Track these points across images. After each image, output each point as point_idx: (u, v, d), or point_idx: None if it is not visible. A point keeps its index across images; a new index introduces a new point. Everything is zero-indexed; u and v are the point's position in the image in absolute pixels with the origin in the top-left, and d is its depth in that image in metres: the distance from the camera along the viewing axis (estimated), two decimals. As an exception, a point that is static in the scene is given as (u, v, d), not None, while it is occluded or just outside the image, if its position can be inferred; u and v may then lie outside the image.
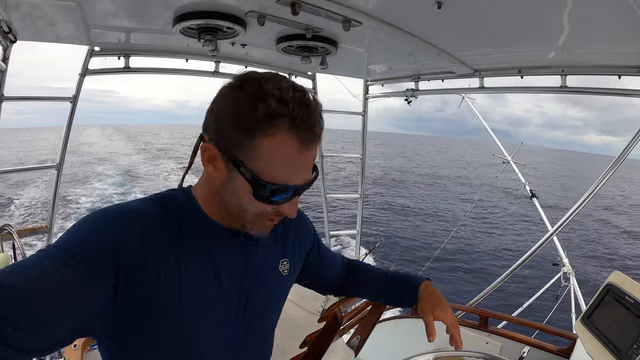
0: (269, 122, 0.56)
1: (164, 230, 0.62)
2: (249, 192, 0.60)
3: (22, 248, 2.20)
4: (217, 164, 0.62)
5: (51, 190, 2.59)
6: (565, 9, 1.36)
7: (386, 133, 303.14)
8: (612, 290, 1.47)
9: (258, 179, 0.58)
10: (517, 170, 5.90)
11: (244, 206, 0.63)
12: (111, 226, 0.58)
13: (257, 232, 0.68)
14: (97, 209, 0.63)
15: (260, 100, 0.56)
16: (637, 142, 2.15)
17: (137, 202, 0.65)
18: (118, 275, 0.55)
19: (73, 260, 0.52)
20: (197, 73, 2.63)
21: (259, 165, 0.58)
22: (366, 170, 3.64)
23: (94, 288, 0.53)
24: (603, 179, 2.33)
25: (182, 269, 0.62)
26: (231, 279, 0.70)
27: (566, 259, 4.39)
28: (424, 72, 2.78)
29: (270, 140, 0.57)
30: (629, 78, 1.94)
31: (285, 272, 0.82)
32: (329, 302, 2.48)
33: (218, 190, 0.64)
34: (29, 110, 76.40)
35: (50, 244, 0.56)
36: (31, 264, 0.51)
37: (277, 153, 0.58)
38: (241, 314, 0.72)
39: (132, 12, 1.69)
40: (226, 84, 0.61)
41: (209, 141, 0.61)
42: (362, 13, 1.52)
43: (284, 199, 0.62)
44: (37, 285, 0.49)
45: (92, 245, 0.55)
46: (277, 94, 0.56)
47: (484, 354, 1.59)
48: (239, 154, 0.58)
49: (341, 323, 0.99)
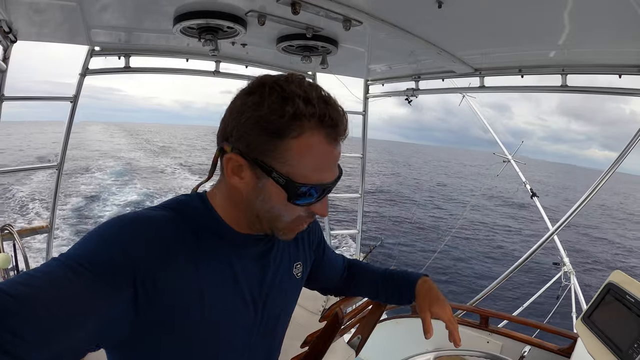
0: (298, 123, 0.55)
1: (180, 237, 0.60)
2: (284, 198, 0.59)
3: (22, 248, 2.20)
4: (244, 173, 0.60)
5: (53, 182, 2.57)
6: (565, 8, 1.35)
7: (390, 142, 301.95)
8: (612, 290, 1.47)
9: (293, 183, 0.57)
10: (517, 169, 5.90)
11: (278, 212, 0.62)
12: (126, 235, 0.56)
13: (286, 236, 0.67)
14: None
15: (286, 101, 0.55)
16: (637, 142, 2.15)
17: (152, 209, 0.63)
18: (135, 284, 0.53)
19: (85, 270, 0.50)
20: (198, 73, 2.63)
21: (291, 168, 0.57)
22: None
23: (109, 297, 0.51)
24: (603, 179, 2.32)
25: (201, 276, 0.61)
26: (249, 284, 0.69)
27: (567, 259, 4.39)
28: (424, 72, 2.78)
29: (300, 141, 0.56)
30: (629, 77, 1.94)
31: (298, 275, 0.82)
32: (330, 301, 2.48)
33: (244, 201, 0.63)
34: (32, 105, 78.49)
35: (63, 253, 0.54)
36: (41, 273, 0.49)
37: (309, 153, 0.57)
38: (258, 319, 0.72)
39: (132, 11, 1.69)
40: (242, 91, 0.60)
41: (231, 151, 0.59)
42: (363, 12, 1.52)
43: (317, 199, 0.61)
44: (44, 293, 0.46)
45: (107, 253, 0.53)
46: (303, 94, 0.56)
47: (484, 354, 1.59)
48: (268, 160, 0.57)
49: (342, 322, 0.99)
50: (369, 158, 3.65)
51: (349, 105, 3.53)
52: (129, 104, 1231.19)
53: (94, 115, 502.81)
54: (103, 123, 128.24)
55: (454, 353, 1.72)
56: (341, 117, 0.60)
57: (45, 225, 2.56)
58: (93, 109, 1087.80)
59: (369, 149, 3.69)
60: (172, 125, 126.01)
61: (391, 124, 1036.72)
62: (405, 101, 3.05)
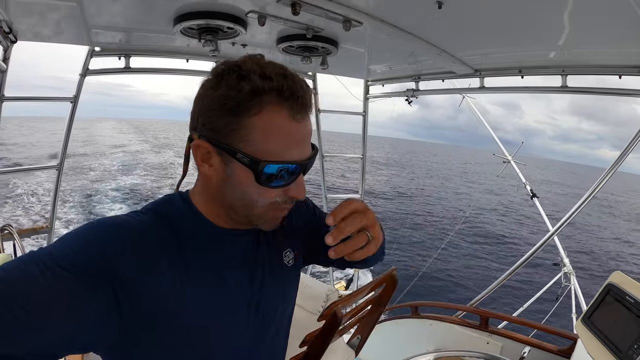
0: (257, 99, 0.54)
1: (162, 241, 0.59)
2: (252, 180, 0.57)
3: (22, 248, 2.20)
4: (212, 160, 0.59)
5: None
6: (565, 9, 1.35)
7: (399, 139, 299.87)
8: (612, 290, 1.47)
9: (257, 160, 0.55)
10: (517, 170, 5.89)
11: (250, 198, 0.60)
12: (107, 238, 0.54)
13: (267, 226, 0.65)
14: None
15: (243, 79, 0.54)
16: (638, 141, 2.15)
17: (134, 214, 0.62)
18: (114, 289, 0.52)
19: (64, 271, 0.48)
20: (198, 73, 2.63)
21: (256, 146, 0.56)
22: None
23: (86, 300, 0.50)
24: (604, 179, 2.32)
25: (185, 280, 0.59)
26: (238, 284, 0.67)
27: (567, 259, 4.38)
28: (424, 72, 2.78)
29: (261, 117, 0.55)
30: (629, 78, 1.94)
31: (290, 263, 0.79)
32: (329, 301, 2.48)
33: (217, 189, 0.62)
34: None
35: (41, 248, 0.52)
36: (16, 270, 0.47)
37: (273, 130, 0.56)
38: (252, 318, 0.70)
39: (132, 12, 1.69)
40: (204, 79, 0.59)
41: (198, 138, 0.58)
42: (363, 13, 1.52)
43: (289, 179, 0.59)
44: (15, 291, 0.45)
45: (87, 256, 0.51)
46: (259, 70, 0.55)
47: (484, 354, 1.59)
48: (233, 141, 0.56)
49: (341, 322, 0.99)
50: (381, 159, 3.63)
51: (349, 105, 3.53)
52: (138, 100, 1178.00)
53: (104, 112, 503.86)
54: (113, 119, 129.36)
55: (453, 354, 1.72)
56: (303, 89, 0.57)
57: (45, 225, 2.57)
58: (103, 106, 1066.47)
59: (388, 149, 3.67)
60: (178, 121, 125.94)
61: (399, 122, 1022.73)
62: (406, 101, 3.06)
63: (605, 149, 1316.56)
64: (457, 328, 2.27)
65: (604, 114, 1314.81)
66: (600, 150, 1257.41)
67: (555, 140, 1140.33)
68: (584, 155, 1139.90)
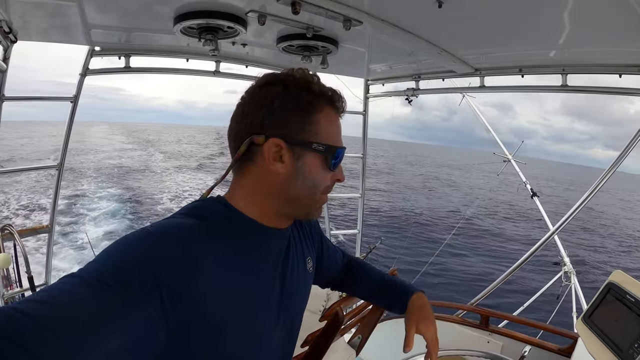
0: (319, 101, 0.68)
1: (207, 245, 0.59)
2: (321, 167, 0.68)
3: (23, 248, 2.21)
4: (284, 157, 0.65)
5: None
6: (565, 8, 1.35)
7: (393, 141, 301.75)
8: (613, 289, 1.46)
9: (331, 146, 0.68)
10: (517, 169, 5.89)
11: (318, 184, 0.69)
12: (150, 247, 0.54)
13: (316, 213, 0.74)
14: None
15: (307, 84, 0.68)
16: (638, 141, 2.15)
17: (174, 219, 0.62)
18: (162, 299, 0.51)
19: (108, 287, 0.48)
20: (198, 73, 2.62)
21: (323, 137, 0.68)
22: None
23: (134, 314, 0.49)
24: (604, 178, 2.32)
25: (232, 284, 0.61)
26: (276, 284, 0.71)
27: (567, 258, 4.38)
28: (424, 72, 2.78)
29: (323, 114, 0.68)
30: (629, 77, 1.94)
31: (310, 270, 0.85)
32: (330, 301, 2.48)
33: (284, 185, 0.67)
34: (39, 104, 77.27)
35: (81, 268, 0.51)
36: (58, 291, 0.46)
37: (330, 124, 0.70)
38: (281, 319, 0.73)
39: (132, 11, 1.69)
40: (257, 86, 0.68)
41: (265, 140, 0.64)
42: (363, 12, 1.52)
43: (339, 162, 0.72)
44: (63, 312, 0.44)
45: (132, 267, 0.51)
46: (310, 79, 0.69)
47: (485, 353, 1.59)
48: (305, 135, 0.66)
49: (342, 322, 0.99)
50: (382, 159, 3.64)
51: (349, 105, 3.52)
52: (133, 104, 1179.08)
53: (97, 116, 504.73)
54: (106, 123, 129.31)
55: (454, 353, 1.72)
56: (339, 93, 0.73)
57: (45, 225, 2.57)
58: (97, 109, 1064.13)
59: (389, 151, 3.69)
60: (175, 125, 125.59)
61: (393, 124, 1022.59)
62: (406, 101, 3.06)
63: (598, 148, 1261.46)
64: (458, 327, 2.27)
65: (595, 114, 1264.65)
66: (592, 150, 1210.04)
67: (549, 141, 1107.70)
68: (577, 155, 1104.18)
